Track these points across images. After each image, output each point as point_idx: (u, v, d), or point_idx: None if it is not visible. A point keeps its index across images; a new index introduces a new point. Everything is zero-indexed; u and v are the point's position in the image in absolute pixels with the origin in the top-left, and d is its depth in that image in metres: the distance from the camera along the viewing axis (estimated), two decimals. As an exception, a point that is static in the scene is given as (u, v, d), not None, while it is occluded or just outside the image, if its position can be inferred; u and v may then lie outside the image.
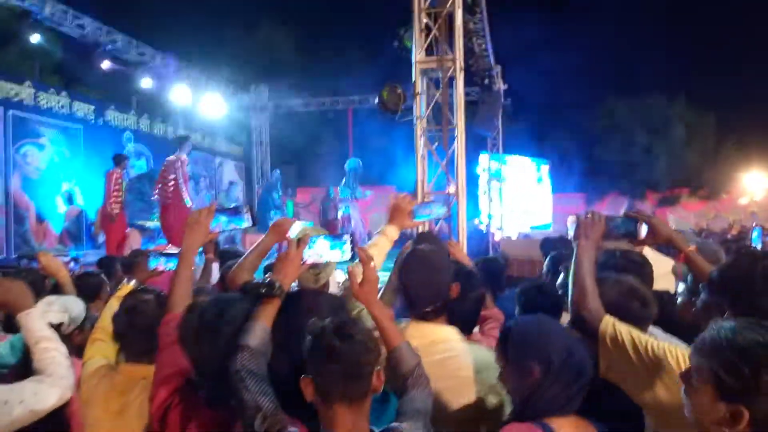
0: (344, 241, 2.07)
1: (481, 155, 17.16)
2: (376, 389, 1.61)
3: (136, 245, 11.19)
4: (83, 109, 12.52)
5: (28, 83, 11.29)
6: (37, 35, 10.70)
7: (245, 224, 2.25)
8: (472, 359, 2.15)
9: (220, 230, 2.24)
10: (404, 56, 8.04)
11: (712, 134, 25.52)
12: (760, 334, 1.27)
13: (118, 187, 9.91)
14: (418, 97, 7.51)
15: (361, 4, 17.17)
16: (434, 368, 1.89)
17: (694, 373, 1.37)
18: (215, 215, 2.21)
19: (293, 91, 18.57)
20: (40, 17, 10.68)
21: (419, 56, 7.53)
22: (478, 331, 2.91)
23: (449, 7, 7.42)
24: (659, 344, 1.84)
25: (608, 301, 2.03)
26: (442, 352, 2.14)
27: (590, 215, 2.20)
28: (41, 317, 2.22)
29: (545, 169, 21.60)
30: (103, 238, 11.05)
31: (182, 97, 14.15)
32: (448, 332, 2.22)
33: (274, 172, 16.59)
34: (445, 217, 2.76)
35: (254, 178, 19.11)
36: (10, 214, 10.77)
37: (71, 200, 12.12)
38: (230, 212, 2.25)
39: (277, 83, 18.91)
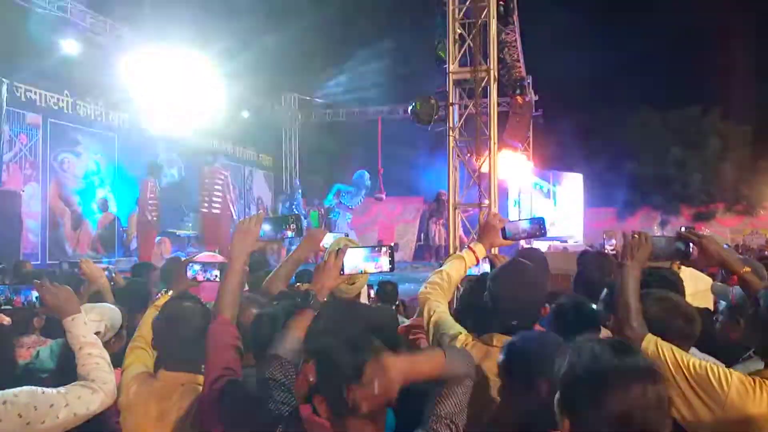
0: (380, 252, 2.07)
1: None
2: (391, 403, 1.55)
3: (166, 253, 11.37)
4: (118, 118, 12.78)
5: (66, 92, 11.57)
6: (74, 43, 10.94)
7: (292, 234, 2.26)
8: None
9: (267, 239, 2.26)
10: (438, 67, 8.07)
11: (748, 147, 24.97)
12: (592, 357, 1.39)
13: (153, 195, 10.12)
14: (451, 107, 7.51)
15: (392, 14, 17.24)
16: None
17: None
18: (263, 223, 2.23)
19: (323, 101, 18.73)
20: (80, 28, 10.97)
21: (453, 66, 7.53)
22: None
23: (483, 17, 7.43)
24: (701, 363, 1.85)
25: (651, 317, 2.03)
26: None
27: (637, 235, 2.19)
28: (86, 323, 2.26)
29: (577, 180, 21.38)
30: (134, 244, 11.24)
31: (213, 105, 14.37)
32: None
33: (294, 183, 16.77)
34: (541, 236, 2.69)
35: (283, 188, 19.26)
36: (45, 220, 11.02)
37: (106, 207, 12.35)
38: (277, 222, 2.27)
39: (307, 92, 19.09)
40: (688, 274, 2.89)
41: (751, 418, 1.76)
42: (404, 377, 1.51)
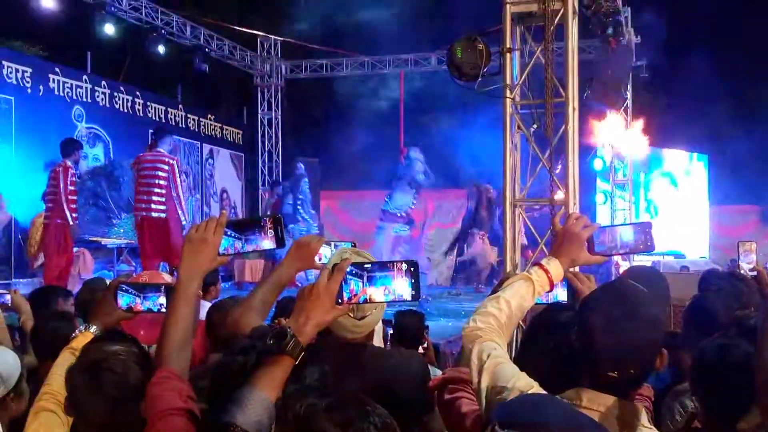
0: (397, 270, 2.04)
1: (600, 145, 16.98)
2: None
3: (86, 272, 11.45)
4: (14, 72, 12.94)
5: None
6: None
7: (268, 245, 2.26)
8: None
9: (233, 252, 2.27)
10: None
11: None
12: None
13: (72, 186, 10.20)
14: (509, 55, 7.48)
15: None
16: None
17: None
18: (226, 231, 2.23)
19: (317, 46, 18.80)
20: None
21: (511, -5, 7.52)
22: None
23: None
24: None
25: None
26: None
27: None
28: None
29: (700, 167, 21.25)
30: (41, 259, 11.32)
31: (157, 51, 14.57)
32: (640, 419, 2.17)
33: (296, 165, 16.74)
34: (650, 250, 2.61)
35: (259, 174, 19.38)
36: None
37: (-5, 205, 12.49)
38: (246, 227, 2.27)
39: (294, 35, 19.20)
40: None
41: None
42: None
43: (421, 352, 5.59)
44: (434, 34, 17.22)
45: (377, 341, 3.08)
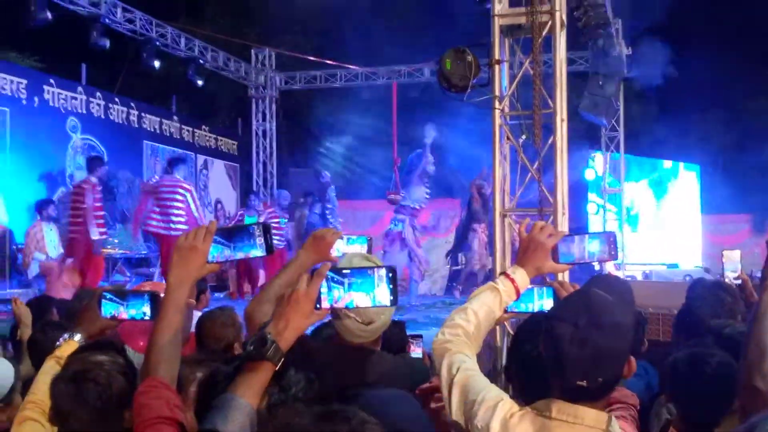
0: (372, 277, 2.05)
1: (593, 155, 17.04)
2: None
3: (77, 282, 11.44)
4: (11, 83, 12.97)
5: None
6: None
7: (257, 252, 2.25)
8: None
9: (223, 260, 2.26)
10: (478, 6, 8.08)
11: None
12: None
13: (99, 204, 10.86)
14: (497, 67, 7.51)
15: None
16: None
17: None
18: (215, 238, 2.23)
19: (312, 58, 18.85)
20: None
21: (500, 7, 7.55)
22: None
23: (545, -66, 7.45)
24: None
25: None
26: None
27: None
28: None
29: (691, 177, 21.29)
30: (35, 272, 11.35)
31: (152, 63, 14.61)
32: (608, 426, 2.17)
33: (321, 174, 16.68)
34: (614, 259, 2.63)
35: (254, 185, 19.41)
36: None
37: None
38: (236, 235, 2.27)
39: (288, 46, 19.25)
40: None
41: None
42: None
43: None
44: (427, 45, 17.24)
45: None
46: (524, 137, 7.76)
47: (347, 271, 2.07)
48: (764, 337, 2.11)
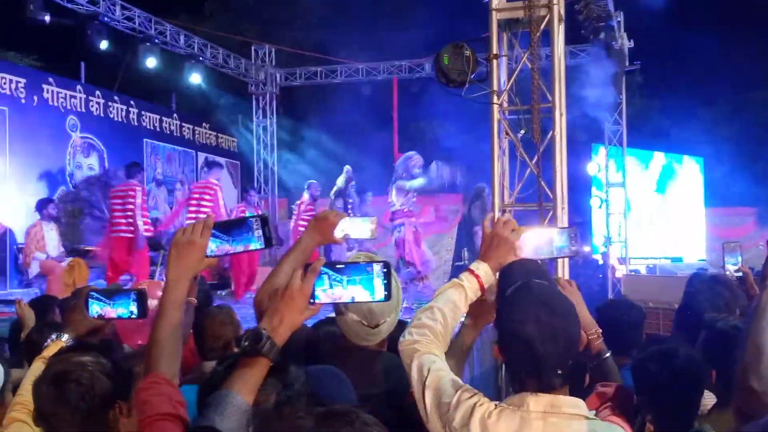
0: (371, 274, 2.04)
1: (594, 149, 17.00)
2: None
3: (81, 281, 11.42)
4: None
5: None
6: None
7: (256, 245, 2.24)
8: None
9: (222, 254, 2.25)
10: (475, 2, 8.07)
11: None
12: None
13: (146, 206, 11.63)
14: (495, 61, 7.50)
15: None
16: None
17: None
18: (213, 232, 2.22)
19: (312, 54, 18.84)
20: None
21: (498, 1, 7.53)
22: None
23: None
24: None
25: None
26: None
27: None
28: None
29: (695, 170, 21.25)
30: (36, 272, 11.36)
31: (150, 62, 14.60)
32: (583, 409, 2.21)
33: (346, 171, 16.55)
34: (577, 254, 2.63)
35: (255, 182, 19.40)
36: None
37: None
38: (234, 228, 2.25)
39: (288, 42, 19.23)
40: None
41: None
42: None
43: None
44: (427, 40, 17.21)
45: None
46: (523, 132, 7.75)
47: (342, 266, 2.07)
48: (761, 337, 2.11)
